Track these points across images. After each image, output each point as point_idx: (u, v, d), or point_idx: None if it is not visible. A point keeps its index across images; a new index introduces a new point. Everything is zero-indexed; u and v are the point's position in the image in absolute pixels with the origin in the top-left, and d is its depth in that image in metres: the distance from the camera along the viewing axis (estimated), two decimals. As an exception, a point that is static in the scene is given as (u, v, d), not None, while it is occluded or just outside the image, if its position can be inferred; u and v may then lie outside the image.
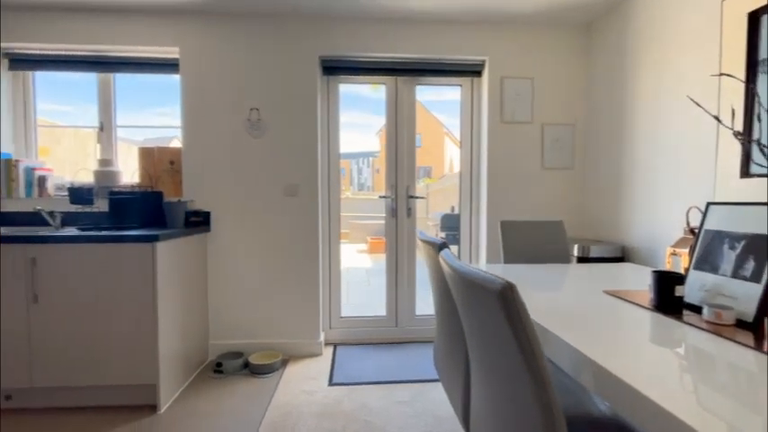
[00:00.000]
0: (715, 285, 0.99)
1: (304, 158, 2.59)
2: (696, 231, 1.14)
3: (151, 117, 2.79)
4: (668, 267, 1.47)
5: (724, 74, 1.41)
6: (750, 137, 1.48)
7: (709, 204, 1.08)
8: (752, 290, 0.90)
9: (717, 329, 0.89)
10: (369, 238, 7.11)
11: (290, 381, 2.26)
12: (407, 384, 2.22)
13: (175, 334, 2.11)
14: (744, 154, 1.52)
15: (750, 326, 0.89)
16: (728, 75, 1.35)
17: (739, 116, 1.54)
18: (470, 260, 2.91)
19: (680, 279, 1.04)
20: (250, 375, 2.33)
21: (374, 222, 7.14)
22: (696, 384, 0.64)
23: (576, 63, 2.73)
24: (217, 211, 2.56)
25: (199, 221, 2.52)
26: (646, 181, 2.18)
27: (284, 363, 2.50)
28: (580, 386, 1.23)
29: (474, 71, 2.76)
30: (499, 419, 0.81)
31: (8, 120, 2.55)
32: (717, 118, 1.29)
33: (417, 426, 1.83)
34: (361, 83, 2.85)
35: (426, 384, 2.22)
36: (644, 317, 1.01)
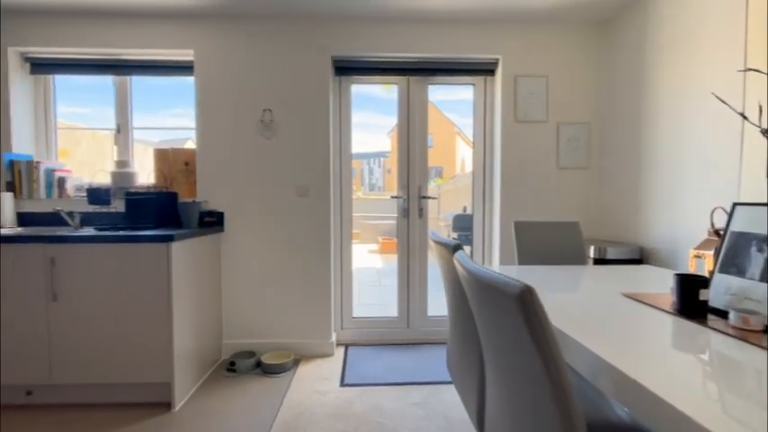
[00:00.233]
0: (742, 289, 0.95)
1: (316, 159, 2.60)
2: (721, 233, 1.10)
3: (166, 119, 2.83)
4: (691, 270, 1.42)
5: (750, 69, 1.36)
6: (777, 134, 1.42)
7: (735, 205, 1.04)
8: (782, 294, 0.86)
9: (744, 335, 0.86)
10: (380, 239, 7.10)
11: (302, 381, 2.26)
12: (419, 386, 2.20)
13: (190, 333, 2.13)
14: (770, 152, 1.46)
15: (780, 332, 0.85)
16: (755, 70, 1.30)
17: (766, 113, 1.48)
18: (483, 261, 2.88)
19: (704, 282, 1.00)
20: (262, 375, 2.34)
21: (385, 222, 7.13)
22: (722, 392, 0.62)
23: (592, 60, 2.68)
24: (230, 212, 2.59)
25: (213, 222, 2.54)
26: (666, 180, 2.12)
27: (296, 363, 2.51)
28: (598, 391, 1.20)
29: (487, 70, 2.73)
30: (516, 424, 0.79)
31: (30, 122, 2.62)
32: (743, 115, 1.25)
33: (429, 428, 1.81)
34: (373, 83, 2.85)
35: (439, 386, 2.20)
36: (666, 321, 0.98)
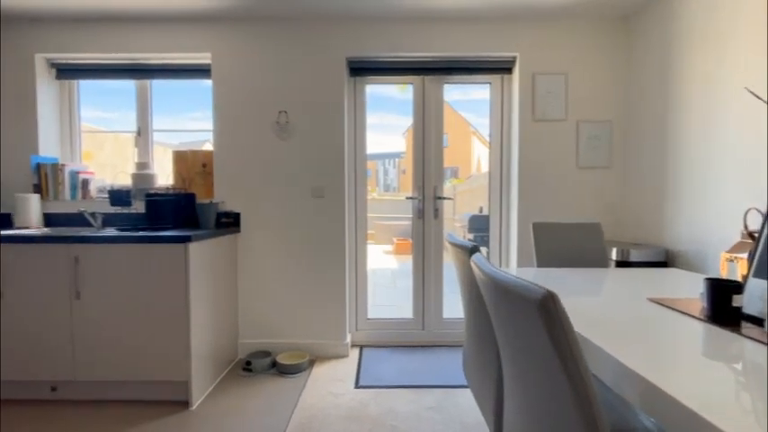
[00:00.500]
0: (779, 295, 0.89)
1: (331, 160, 2.60)
2: (756, 235, 1.04)
3: (186, 122, 2.88)
4: (723, 274, 1.35)
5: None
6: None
7: (771, 206, 0.98)
8: (825, 301, 0.80)
9: (783, 345, 0.80)
10: (395, 240, 7.08)
11: (317, 382, 2.26)
12: (434, 389, 2.17)
13: (207, 332, 2.16)
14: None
15: (823, 342, 0.80)
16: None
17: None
18: (500, 263, 2.83)
19: (737, 287, 0.95)
20: (278, 375, 2.35)
21: (400, 223, 7.10)
22: (756, 404, 0.58)
23: (614, 57, 2.60)
24: (246, 213, 2.61)
25: (229, 222, 2.57)
26: (695, 180, 2.03)
27: (311, 363, 2.51)
28: (622, 399, 1.15)
29: (504, 68, 2.68)
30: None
31: (55, 126, 2.71)
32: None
33: (445, 433, 1.78)
34: (388, 83, 2.83)
35: (454, 390, 2.17)
36: (695, 328, 0.93)
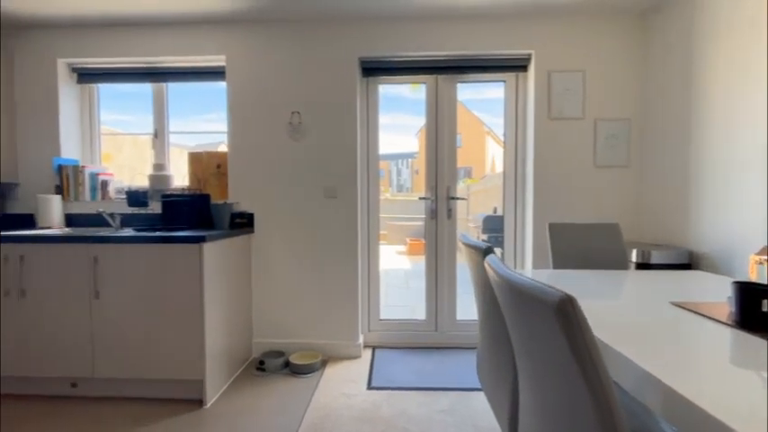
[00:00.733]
0: (814, 300, 0.85)
1: (343, 160, 2.60)
2: (787, 236, 0.99)
3: (202, 124, 2.93)
4: (752, 277, 1.29)
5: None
6: None
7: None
8: None
9: (819, 353, 0.76)
10: (408, 240, 7.05)
11: (330, 382, 2.26)
12: (447, 392, 2.15)
13: (221, 331, 2.18)
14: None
15: None
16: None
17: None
18: (515, 264, 2.78)
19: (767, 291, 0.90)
20: (290, 375, 2.36)
21: (413, 224, 7.08)
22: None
23: (633, 53, 2.53)
24: (260, 213, 2.63)
25: (243, 223, 2.59)
26: (720, 179, 1.96)
27: (323, 363, 2.51)
28: (643, 407, 1.11)
29: (519, 66, 2.64)
30: (553, 443, 0.74)
31: (76, 129, 2.78)
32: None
33: (459, 436, 1.76)
34: (400, 83, 2.82)
35: (467, 393, 2.13)
36: (722, 333, 0.89)
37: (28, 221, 2.63)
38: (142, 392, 2.08)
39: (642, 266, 2.06)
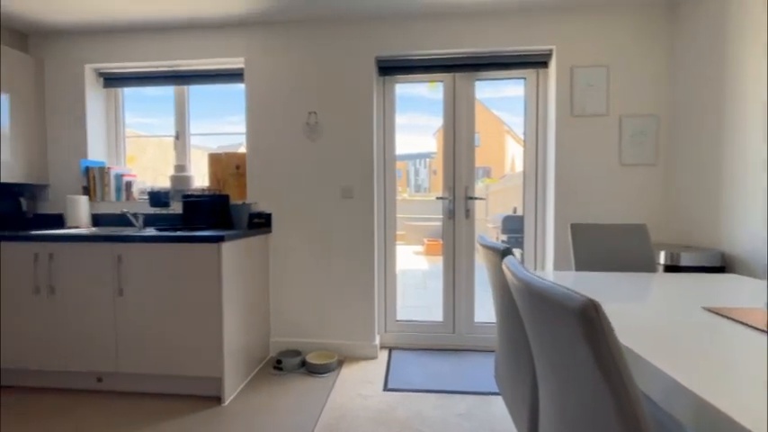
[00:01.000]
0: None
1: (360, 160, 2.59)
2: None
3: (223, 125, 2.98)
4: (791, 281, 1.21)
5: None
6: None
7: None
8: None
9: None
10: (426, 240, 7.00)
11: (346, 383, 2.25)
12: (465, 395, 2.11)
13: (239, 330, 2.20)
14: None
15: None
16: None
17: None
18: (535, 266, 2.71)
19: (813, 298, 0.84)
20: (307, 374, 2.36)
21: (430, 224, 7.02)
22: None
23: (660, 46, 2.42)
24: (277, 213, 2.65)
25: (261, 223, 2.62)
26: (757, 177, 1.85)
27: (340, 364, 2.51)
28: (673, 419, 1.05)
29: (539, 62, 2.57)
30: (575, 455, 0.70)
31: (102, 132, 2.87)
32: None
33: (476, 442, 1.72)
34: (417, 81, 2.79)
35: (485, 397, 2.09)
36: (760, 342, 0.83)
37: (57, 221, 2.74)
38: (164, 388, 2.13)
39: (671, 269, 1.97)
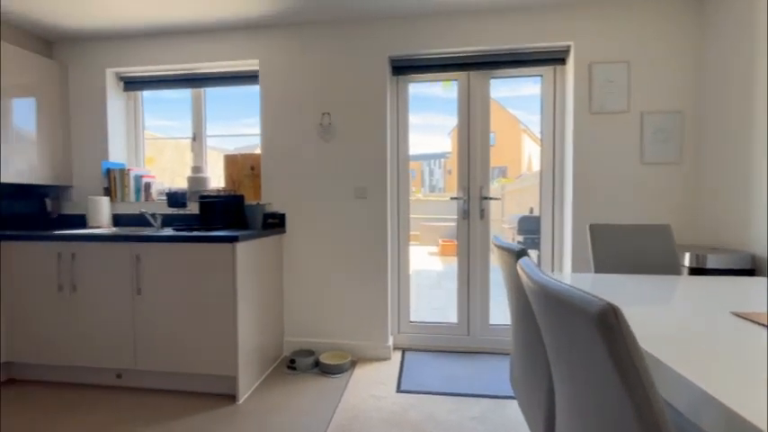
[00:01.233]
0: None
1: (374, 160, 2.58)
2: None
3: (240, 127, 3.02)
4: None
5: None
6: None
7: None
8: None
9: None
10: (440, 241, 6.95)
11: (359, 383, 2.24)
12: (479, 399, 2.07)
13: (253, 329, 2.22)
14: None
15: None
16: None
17: None
18: (552, 268, 2.64)
19: None
20: (320, 374, 2.37)
21: (445, 225, 6.96)
22: None
23: (685, 39, 2.33)
24: (291, 213, 2.67)
25: (275, 223, 2.64)
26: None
27: (353, 364, 2.50)
28: (699, 429, 1.00)
29: (556, 59, 2.51)
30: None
31: (122, 134, 2.95)
32: None
33: (491, 447, 1.68)
34: (431, 80, 2.76)
35: (500, 401, 2.05)
36: (797, 351, 0.78)
37: (80, 221, 2.82)
38: (180, 385, 2.16)
39: (696, 271, 1.89)
